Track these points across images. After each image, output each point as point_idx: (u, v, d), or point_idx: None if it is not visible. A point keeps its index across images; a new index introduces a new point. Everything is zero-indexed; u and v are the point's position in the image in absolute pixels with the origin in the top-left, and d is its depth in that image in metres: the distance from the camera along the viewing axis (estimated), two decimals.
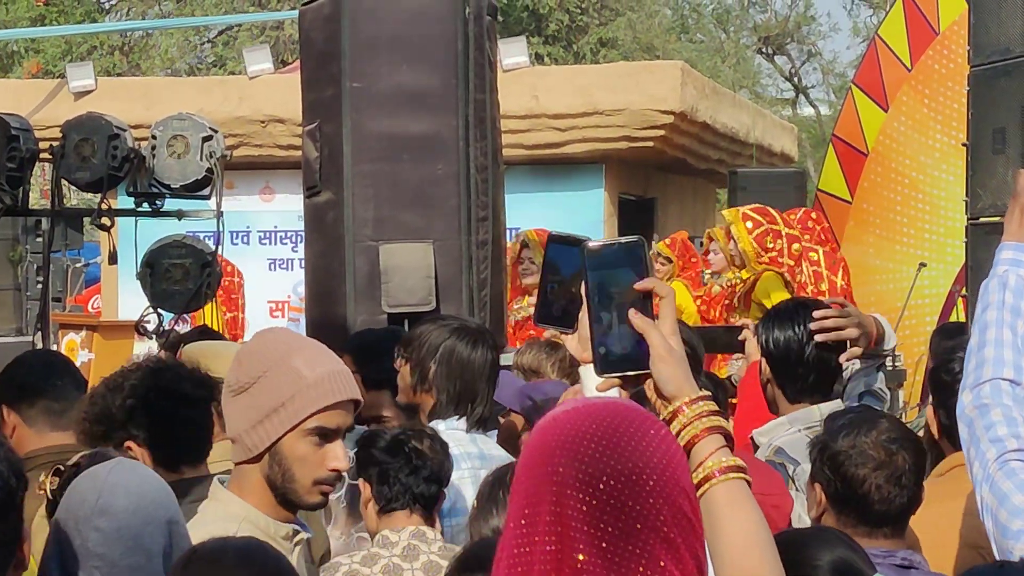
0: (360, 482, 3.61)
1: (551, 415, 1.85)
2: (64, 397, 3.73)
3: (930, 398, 3.62)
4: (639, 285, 2.03)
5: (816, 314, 3.78)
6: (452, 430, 3.96)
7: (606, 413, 1.80)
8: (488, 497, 3.09)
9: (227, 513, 2.68)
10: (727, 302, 8.29)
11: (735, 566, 1.93)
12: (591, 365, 2.94)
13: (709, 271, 9.35)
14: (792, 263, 8.21)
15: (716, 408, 2.02)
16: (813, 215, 9.69)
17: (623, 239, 2.07)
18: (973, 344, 2.66)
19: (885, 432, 3.13)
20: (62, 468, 2.65)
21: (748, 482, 1.99)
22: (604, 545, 1.72)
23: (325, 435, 2.69)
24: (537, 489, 1.77)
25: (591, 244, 2.06)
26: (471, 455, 4.00)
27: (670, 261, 10.70)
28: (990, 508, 2.52)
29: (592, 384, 2.97)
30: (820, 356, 3.78)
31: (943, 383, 3.42)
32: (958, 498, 3.14)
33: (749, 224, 8.25)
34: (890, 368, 7.65)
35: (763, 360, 3.87)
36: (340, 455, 2.70)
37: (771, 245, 8.17)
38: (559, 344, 5.35)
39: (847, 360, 3.79)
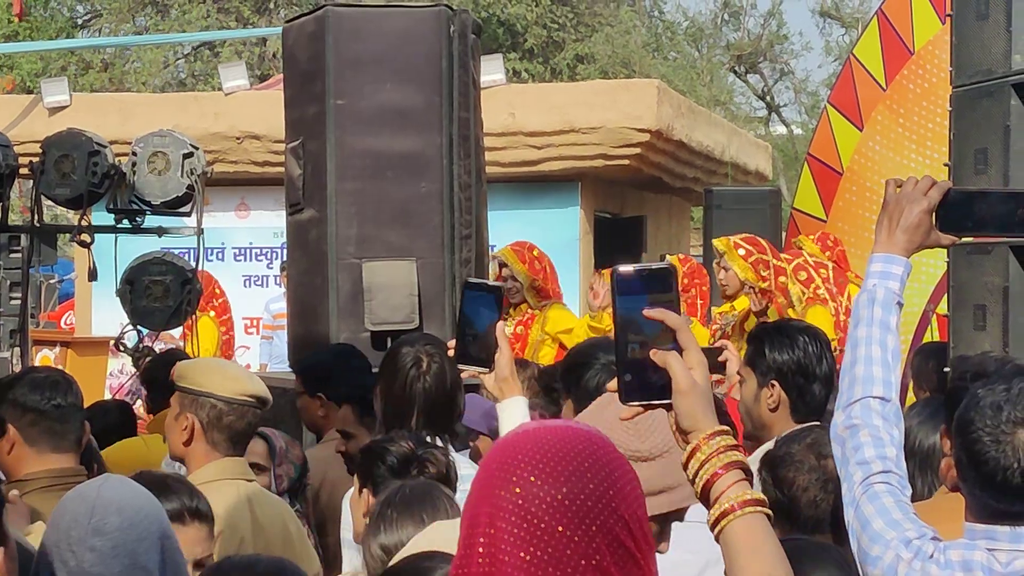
0: (364, 492, 3.49)
1: (503, 438, 1.85)
2: (67, 419, 3.70)
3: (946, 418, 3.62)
4: (648, 313, 1.95)
5: None
6: None
7: (552, 438, 1.77)
8: (377, 515, 3.05)
9: None
10: (719, 335, 8.24)
11: None
12: (507, 402, 3.02)
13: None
14: (780, 296, 8.21)
15: (734, 443, 1.99)
16: (831, 239, 9.68)
17: (653, 265, 2.00)
18: (846, 362, 2.63)
19: (816, 439, 3.26)
20: None
21: (768, 516, 1.97)
22: (532, 570, 1.71)
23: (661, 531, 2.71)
24: (477, 510, 1.77)
25: (621, 269, 1.98)
26: None
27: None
28: (855, 532, 2.51)
29: (508, 422, 3.01)
30: (832, 370, 3.85)
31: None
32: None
33: (742, 252, 8.25)
34: None
35: (774, 384, 3.86)
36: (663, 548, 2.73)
37: (764, 274, 8.17)
38: (529, 361, 5.35)
39: None
